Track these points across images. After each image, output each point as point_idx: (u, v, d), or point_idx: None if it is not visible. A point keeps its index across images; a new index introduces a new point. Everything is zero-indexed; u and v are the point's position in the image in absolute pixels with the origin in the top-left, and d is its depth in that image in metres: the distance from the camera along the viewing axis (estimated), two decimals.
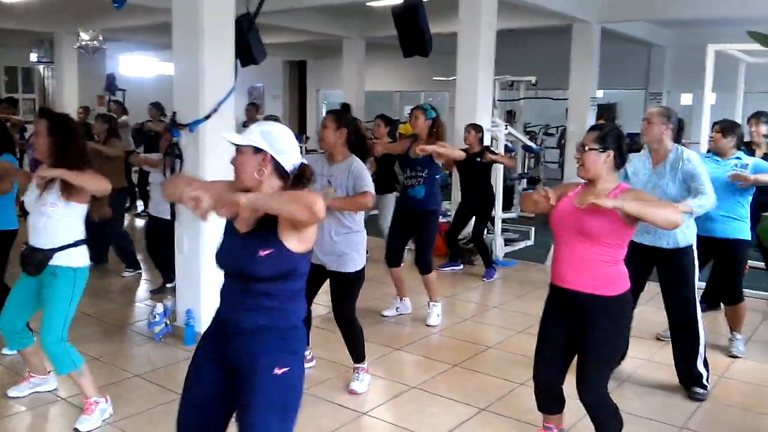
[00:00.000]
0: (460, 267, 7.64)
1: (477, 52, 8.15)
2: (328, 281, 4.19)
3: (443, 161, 5.77)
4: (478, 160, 6.91)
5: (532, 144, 10.82)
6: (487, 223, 7.58)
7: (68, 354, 3.65)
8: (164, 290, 6.20)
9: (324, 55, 17.63)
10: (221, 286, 2.48)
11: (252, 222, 2.36)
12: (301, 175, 2.43)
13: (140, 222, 10.09)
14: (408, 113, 6.31)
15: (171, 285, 5.95)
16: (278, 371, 2.33)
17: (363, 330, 4.30)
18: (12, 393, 4.05)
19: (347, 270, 4.09)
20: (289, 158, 2.40)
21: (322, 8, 12.01)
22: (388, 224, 6.31)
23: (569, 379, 3.24)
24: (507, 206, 9.07)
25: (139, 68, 17.92)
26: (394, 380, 4.53)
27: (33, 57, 14.61)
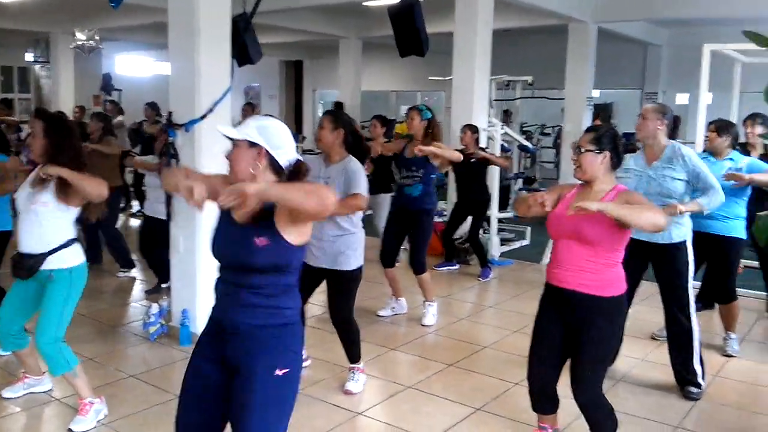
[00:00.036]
0: (456, 267, 7.64)
1: (473, 52, 8.16)
2: (325, 282, 4.19)
3: (439, 162, 5.77)
4: (473, 161, 6.92)
5: (529, 144, 10.83)
6: (483, 223, 7.59)
7: (62, 355, 3.64)
8: (159, 290, 6.19)
9: (320, 55, 17.63)
10: (215, 284, 2.47)
11: (249, 212, 2.34)
12: (297, 171, 2.42)
13: (135, 222, 10.08)
14: (404, 113, 6.29)
15: (166, 285, 5.94)
16: (279, 372, 2.32)
17: (359, 329, 4.30)
18: (6, 394, 4.05)
19: (344, 268, 4.09)
20: (285, 154, 2.38)
21: (319, 8, 12.01)
22: (384, 224, 6.31)
23: (564, 380, 3.24)
24: (503, 206, 9.07)
25: (136, 68, 17.89)
26: (390, 380, 4.53)
27: (29, 57, 14.58)
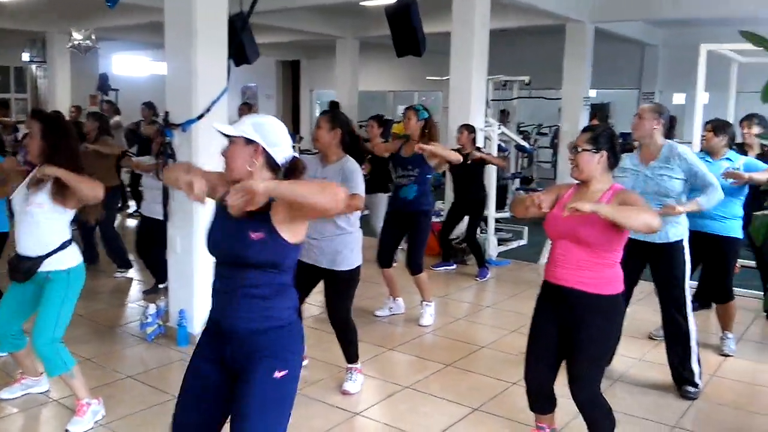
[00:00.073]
0: (453, 267, 7.64)
1: (470, 52, 8.16)
2: (323, 282, 4.19)
3: (436, 162, 5.77)
4: (470, 162, 6.92)
5: (525, 144, 10.83)
6: (480, 223, 7.60)
7: (59, 356, 3.63)
8: (157, 291, 6.19)
9: (317, 55, 17.62)
10: (212, 285, 2.46)
11: (254, 207, 2.33)
12: (293, 169, 2.42)
13: (132, 222, 10.07)
14: (402, 113, 6.30)
15: (163, 285, 5.94)
16: (278, 374, 2.33)
17: (356, 330, 4.30)
18: (4, 395, 4.04)
19: (341, 268, 4.08)
20: (281, 151, 2.38)
21: (316, 8, 12.00)
22: (381, 224, 6.31)
23: (561, 379, 3.24)
24: (500, 206, 9.08)
25: (132, 68, 17.85)
26: (387, 380, 4.53)
27: (25, 56, 14.54)
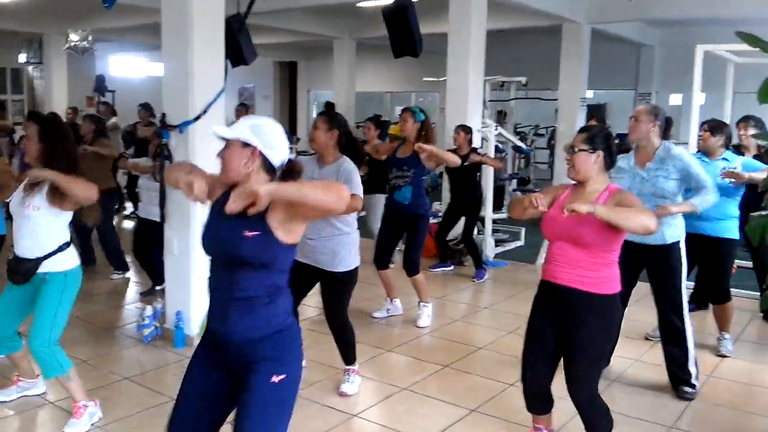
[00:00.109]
0: (451, 268, 7.65)
1: (467, 53, 8.17)
2: (320, 283, 4.18)
3: (433, 163, 5.77)
4: (466, 163, 6.92)
5: (522, 144, 10.84)
6: (477, 223, 7.59)
7: (55, 358, 3.62)
8: (154, 292, 6.18)
9: (314, 56, 17.61)
10: (208, 287, 2.46)
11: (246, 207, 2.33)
12: (290, 171, 2.42)
13: (129, 224, 10.05)
14: (399, 114, 6.31)
15: (160, 287, 5.93)
16: (276, 379, 2.33)
17: (354, 331, 4.29)
18: (0, 397, 4.03)
19: (339, 269, 4.08)
20: (278, 154, 2.38)
21: (313, 9, 11.99)
22: (378, 225, 6.31)
23: (559, 380, 3.24)
24: (497, 207, 9.08)
25: (129, 69, 17.83)
26: (385, 382, 4.52)
27: (22, 58, 14.51)
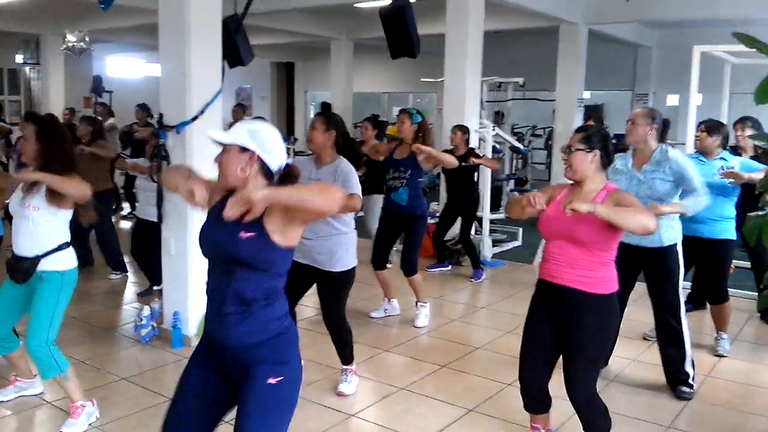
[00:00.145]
0: (448, 268, 7.65)
1: (465, 54, 8.18)
2: (317, 284, 4.18)
3: (431, 164, 5.78)
4: (463, 164, 6.92)
5: (520, 145, 10.85)
6: (474, 223, 7.60)
7: (53, 358, 3.62)
8: (151, 293, 6.18)
9: (312, 57, 17.61)
10: (206, 290, 2.46)
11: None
12: (288, 175, 2.43)
13: (126, 224, 10.04)
14: (396, 114, 6.31)
15: (158, 288, 5.92)
16: (272, 381, 2.33)
17: (352, 331, 4.29)
18: None
19: (336, 269, 4.08)
20: (276, 158, 2.39)
21: (310, 10, 11.99)
22: (375, 225, 6.31)
23: (557, 379, 3.25)
24: (495, 207, 9.09)
25: (126, 70, 17.82)
26: (382, 382, 4.52)
27: (19, 58, 14.50)
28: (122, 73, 17.62)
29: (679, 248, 4.27)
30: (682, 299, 4.32)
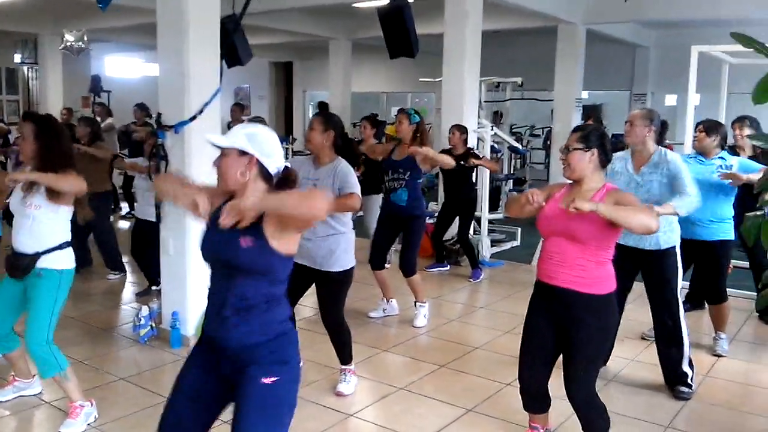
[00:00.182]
0: (447, 268, 7.65)
1: (463, 54, 8.18)
2: (315, 284, 4.18)
3: (428, 165, 5.78)
4: (462, 163, 6.93)
5: (518, 145, 10.86)
6: (472, 223, 7.60)
7: (53, 356, 3.63)
8: (150, 293, 6.17)
9: (310, 56, 17.60)
10: (207, 300, 2.46)
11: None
12: (286, 178, 2.43)
13: (124, 224, 10.04)
14: (395, 114, 6.32)
15: (156, 288, 5.92)
16: (266, 380, 2.33)
17: (350, 331, 4.29)
18: None
19: (334, 269, 4.08)
20: (274, 162, 2.40)
21: (308, 9, 11.99)
22: (374, 225, 6.31)
23: (556, 379, 3.25)
24: (493, 207, 9.09)
25: (125, 69, 17.80)
26: (381, 381, 4.52)
27: (17, 58, 14.48)
28: (121, 73, 17.60)
29: (678, 251, 4.28)
30: (681, 300, 4.32)
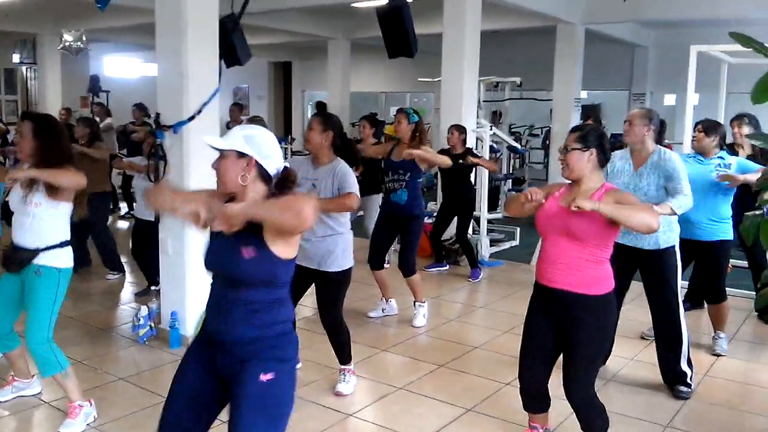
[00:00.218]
0: (446, 267, 7.65)
1: (462, 53, 8.18)
2: (314, 284, 4.18)
3: (426, 165, 5.78)
4: (461, 162, 6.93)
5: (517, 145, 10.86)
6: (471, 223, 7.59)
7: (54, 355, 3.63)
8: (149, 293, 6.17)
9: (309, 56, 17.60)
10: (208, 297, 2.47)
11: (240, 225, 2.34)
12: (286, 179, 2.42)
13: (123, 224, 10.04)
14: (394, 114, 6.33)
15: (156, 288, 5.91)
16: (264, 378, 2.32)
17: (349, 331, 4.29)
18: None
19: (332, 269, 4.08)
20: (273, 162, 2.39)
21: (307, 9, 11.99)
22: (373, 225, 6.31)
23: (555, 379, 3.25)
24: (492, 207, 9.09)
25: (123, 69, 17.80)
26: (381, 381, 4.52)
27: (15, 58, 14.49)
28: (119, 73, 17.61)
29: (677, 250, 4.28)
30: (680, 299, 4.32)
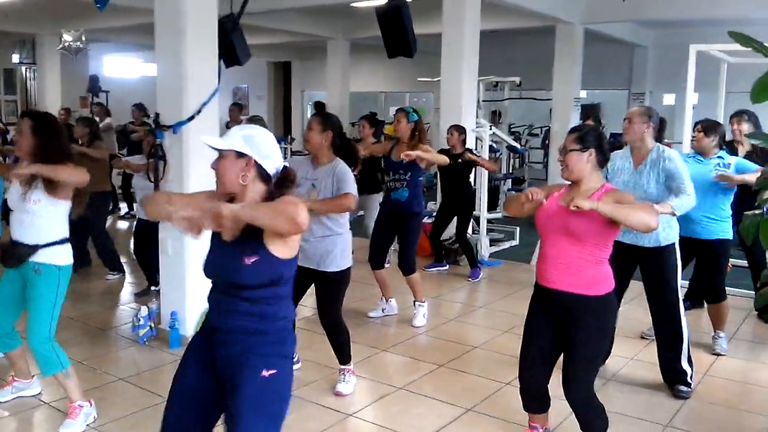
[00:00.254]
0: (446, 267, 7.65)
1: (461, 53, 8.18)
2: (314, 284, 4.18)
3: (425, 164, 5.78)
4: (460, 161, 6.93)
5: (517, 144, 10.87)
6: (470, 222, 7.59)
7: (55, 354, 3.63)
8: (149, 293, 6.17)
9: (309, 56, 17.61)
10: (209, 294, 2.47)
11: (237, 230, 2.33)
12: (285, 178, 2.42)
13: (123, 224, 10.03)
14: (393, 114, 6.33)
15: (156, 288, 5.91)
16: (265, 373, 2.32)
17: (349, 331, 4.29)
18: None
19: (331, 270, 4.08)
20: (272, 162, 2.39)
21: (306, 9, 11.99)
22: (373, 225, 6.31)
23: (555, 379, 3.25)
24: (492, 207, 9.09)
25: (123, 69, 17.81)
26: (380, 381, 4.52)
27: (15, 58, 14.49)
28: (119, 73, 17.61)
29: (677, 248, 4.28)
30: (680, 298, 4.32)
